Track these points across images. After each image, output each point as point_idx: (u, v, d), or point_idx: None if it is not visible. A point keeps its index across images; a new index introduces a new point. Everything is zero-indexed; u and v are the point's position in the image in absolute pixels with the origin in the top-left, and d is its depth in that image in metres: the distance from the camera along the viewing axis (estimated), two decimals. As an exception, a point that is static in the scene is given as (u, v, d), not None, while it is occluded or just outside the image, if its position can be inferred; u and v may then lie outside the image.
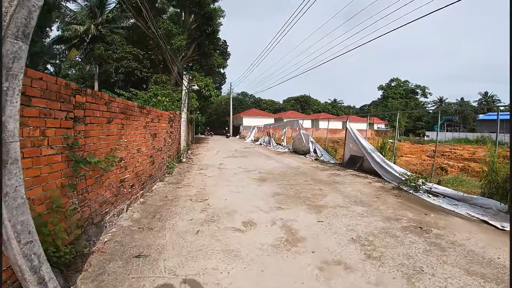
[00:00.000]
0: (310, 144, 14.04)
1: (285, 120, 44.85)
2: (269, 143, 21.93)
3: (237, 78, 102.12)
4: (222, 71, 30.84)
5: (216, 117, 53.94)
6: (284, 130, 19.76)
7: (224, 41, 25.80)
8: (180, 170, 9.01)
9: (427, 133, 55.07)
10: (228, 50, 25.93)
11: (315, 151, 13.61)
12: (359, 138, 10.12)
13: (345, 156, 11.20)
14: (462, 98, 74.75)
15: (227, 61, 25.42)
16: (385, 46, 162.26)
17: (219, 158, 12.74)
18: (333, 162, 11.92)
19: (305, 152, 14.64)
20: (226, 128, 42.19)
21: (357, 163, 10.10)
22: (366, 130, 13.10)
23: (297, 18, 23.58)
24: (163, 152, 7.51)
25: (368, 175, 8.60)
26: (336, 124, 46.11)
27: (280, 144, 20.13)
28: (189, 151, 14.78)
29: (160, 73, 19.19)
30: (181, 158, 10.95)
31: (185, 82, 11.84)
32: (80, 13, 21.67)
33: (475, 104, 70.92)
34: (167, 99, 10.76)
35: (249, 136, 30.42)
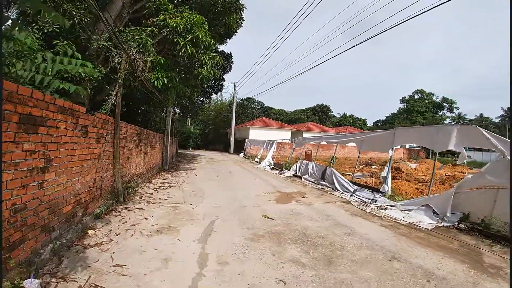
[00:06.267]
0: None
1: (305, 135, 32.82)
2: (333, 182, 9.78)
3: (241, 77, 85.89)
4: (227, 50, 19.23)
5: (213, 128, 41.91)
6: (390, 154, 7.61)
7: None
8: None
9: (468, 153, 42.66)
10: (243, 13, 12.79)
11: None
12: None
13: None
14: (481, 114, 63.97)
15: (240, 26, 13.14)
16: (392, 61, 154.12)
17: None
18: None
19: None
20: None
21: None
22: None
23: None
24: None
25: None
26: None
27: (375, 190, 8.00)
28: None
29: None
30: None
31: None
32: None
33: (496, 120, 60.07)
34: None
35: (266, 158, 18.19)
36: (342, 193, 8.76)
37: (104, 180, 4.77)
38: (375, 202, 7.32)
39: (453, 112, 65.37)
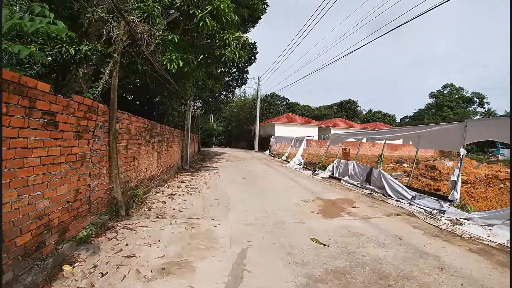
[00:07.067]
0: None
1: (333, 132, 30.53)
2: (382, 187, 8.10)
3: (265, 72, 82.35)
4: (251, 39, 17.77)
5: (237, 125, 40.76)
6: (462, 153, 6.20)
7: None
8: None
9: (501, 151, 36.71)
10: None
11: None
12: None
13: None
14: (512, 110, 56.18)
15: (265, 12, 11.56)
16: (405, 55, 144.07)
17: None
18: None
19: None
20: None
21: None
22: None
23: None
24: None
25: None
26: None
27: (439, 198, 6.13)
28: None
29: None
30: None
31: None
32: None
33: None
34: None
35: (296, 156, 16.56)
36: (397, 200, 7.00)
37: (94, 190, 3.49)
38: (443, 213, 5.58)
39: (484, 107, 59.38)
